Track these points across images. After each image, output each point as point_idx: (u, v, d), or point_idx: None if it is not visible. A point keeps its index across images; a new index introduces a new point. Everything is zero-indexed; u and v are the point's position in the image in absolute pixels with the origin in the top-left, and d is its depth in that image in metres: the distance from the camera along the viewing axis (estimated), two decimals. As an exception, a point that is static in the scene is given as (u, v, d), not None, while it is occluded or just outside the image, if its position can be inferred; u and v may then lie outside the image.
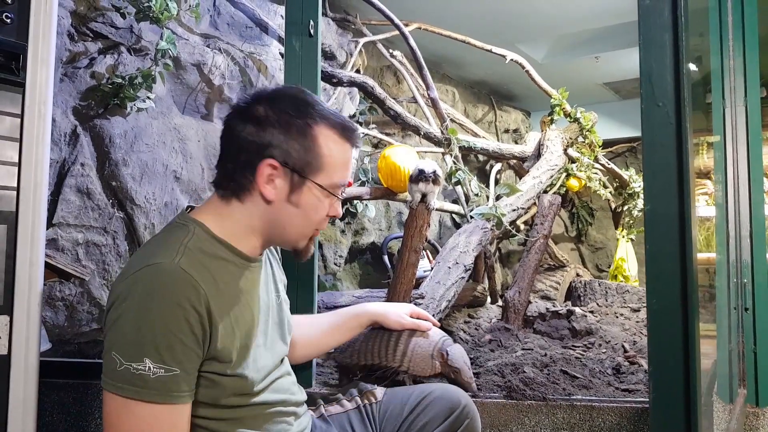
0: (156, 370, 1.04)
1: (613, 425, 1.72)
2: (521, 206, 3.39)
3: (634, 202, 5.72)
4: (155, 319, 1.05)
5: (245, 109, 1.23)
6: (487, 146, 4.06)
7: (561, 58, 5.21)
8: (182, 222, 1.23)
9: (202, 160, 3.23)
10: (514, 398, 1.77)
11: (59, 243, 2.63)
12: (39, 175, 1.35)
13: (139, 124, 2.93)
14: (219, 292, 1.14)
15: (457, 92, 5.59)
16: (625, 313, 4.07)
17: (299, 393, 1.40)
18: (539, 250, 3.05)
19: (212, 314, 1.11)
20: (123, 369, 1.04)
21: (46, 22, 1.33)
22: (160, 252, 1.14)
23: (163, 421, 1.06)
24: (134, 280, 1.09)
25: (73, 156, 2.70)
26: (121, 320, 1.06)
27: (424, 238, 2.63)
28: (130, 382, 1.04)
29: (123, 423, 1.05)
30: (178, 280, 1.08)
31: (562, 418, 1.75)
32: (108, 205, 2.78)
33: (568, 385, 1.84)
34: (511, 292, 3.02)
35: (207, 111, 3.45)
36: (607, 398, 1.76)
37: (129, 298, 1.07)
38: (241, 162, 1.21)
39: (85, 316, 2.76)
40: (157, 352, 1.04)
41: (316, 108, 1.24)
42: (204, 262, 1.15)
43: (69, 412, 1.93)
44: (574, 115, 4.63)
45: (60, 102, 2.71)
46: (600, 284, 4.69)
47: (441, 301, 2.67)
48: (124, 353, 1.04)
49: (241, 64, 3.50)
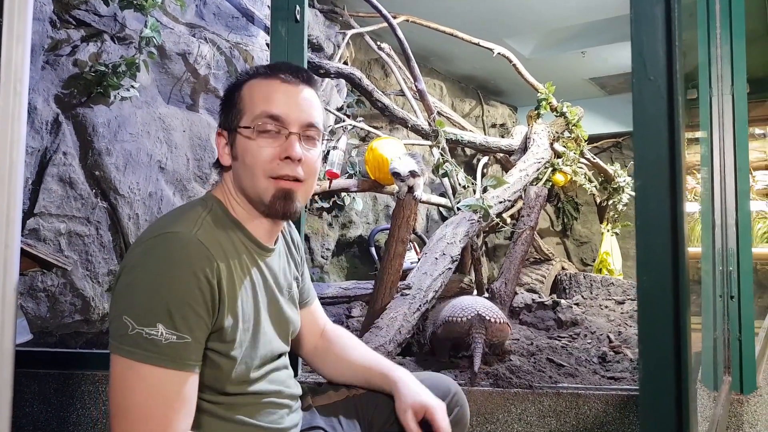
0: (168, 336, 1.03)
1: (599, 412, 1.73)
2: (508, 198, 3.39)
3: (619, 196, 5.76)
4: (170, 285, 1.05)
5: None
6: (474, 139, 4.07)
7: (548, 53, 5.22)
8: (204, 198, 1.26)
9: (187, 151, 3.20)
10: (501, 386, 1.77)
11: (41, 233, 2.59)
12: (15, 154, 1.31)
13: (123, 113, 2.89)
14: (231, 270, 1.15)
15: (445, 86, 5.58)
16: (609, 305, 4.10)
17: (295, 387, 1.38)
18: (526, 241, 3.05)
19: (222, 289, 1.12)
20: (134, 333, 1.03)
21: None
22: (179, 222, 1.14)
23: (171, 386, 1.05)
24: (151, 246, 1.08)
25: (55, 145, 2.65)
26: (135, 285, 1.05)
27: (412, 228, 2.63)
28: (141, 347, 1.03)
29: (130, 386, 1.04)
30: (194, 250, 1.09)
31: (549, 406, 1.75)
32: (91, 195, 2.73)
33: (555, 373, 1.84)
34: (497, 284, 3.02)
35: (192, 101, 3.41)
36: (593, 386, 1.77)
37: (144, 263, 1.07)
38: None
39: (67, 308, 2.72)
40: (170, 318, 1.04)
41: (251, 70, 1.29)
42: (219, 239, 1.16)
43: (50, 403, 1.90)
44: (560, 109, 4.65)
45: (41, 90, 2.66)
46: (585, 277, 4.72)
47: (428, 291, 2.66)
48: (136, 318, 1.03)
49: (227, 54, 3.47)
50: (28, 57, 1.30)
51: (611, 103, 6.38)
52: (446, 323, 2.16)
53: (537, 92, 4.54)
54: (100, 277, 2.79)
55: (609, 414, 1.73)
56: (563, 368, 1.89)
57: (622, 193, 5.75)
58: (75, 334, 2.86)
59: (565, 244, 6.83)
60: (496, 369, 1.82)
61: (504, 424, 1.76)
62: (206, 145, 3.33)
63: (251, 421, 1.24)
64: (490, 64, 5.40)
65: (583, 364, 1.97)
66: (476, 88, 6.00)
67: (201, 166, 3.31)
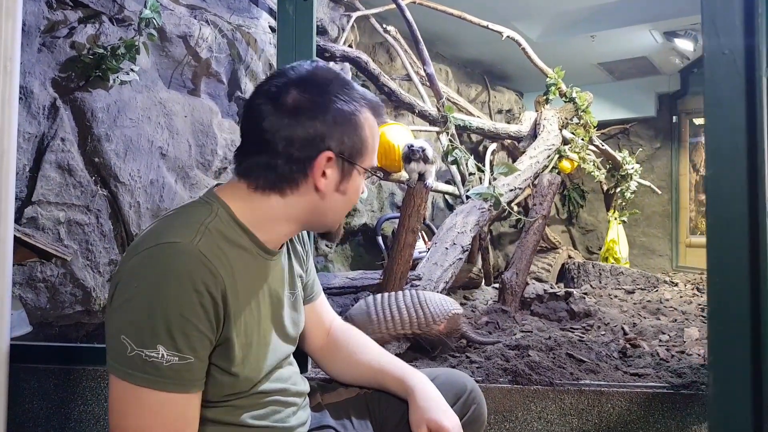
0: (170, 357, 0.96)
1: (623, 410, 1.66)
2: (518, 186, 3.31)
3: (627, 184, 5.68)
4: (170, 303, 0.97)
5: (279, 96, 1.10)
6: (483, 125, 3.97)
7: (556, 37, 5.10)
8: (207, 200, 1.13)
9: (189, 137, 3.11)
10: (520, 383, 1.69)
11: (39, 222, 2.51)
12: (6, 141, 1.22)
13: (123, 97, 2.80)
14: (234, 281, 1.06)
15: (450, 71, 5.47)
16: (619, 295, 4.03)
17: (301, 383, 1.31)
18: (538, 230, 2.97)
19: (228, 304, 1.04)
20: (134, 355, 0.96)
21: (15, -26, 1.20)
22: (178, 230, 1.04)
23: (173, 409, 0.99)
24: (147, 258, 1.00)
25: (53, 130, 2.57)
26: (132, 302, 0.97)
27: (422, 217, 2.54)
28: (141, 369, 0.97)
29: (131, 410, 0.98)
30: (195, 263, 1.00)
31: (570, 404, 1.68)
32: (90, 183, 2.65)
33: (575, 369, 1.77)
34: (508, 274, 2.94)
35: (194, 85, 3.31)
36: (617, 383, 1.70)
37: (141, 277, 0.99)
38: (291, 156, 1.09)
39: (68, 298, 2.65)
40: (171, 338, 0.97)
41: (357, 91, 1.17)
42: (223, 248, 1.06)
43: (50, 399, 1.82)
44: (569, 94, 4.55)
45: (38, 73, 2.56)
46: (594, 266, 4.65)
47: (438, 282, 2.59)
48: (135, 338, 0.96)
49: (229, 36, 3.37)
50: (19, 34, 1.21)
51: (619, 89, 6.28)
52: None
53: (546, 77, 4.44)
54: (101, 267, 2.72)
55: (633, 412, 1.66)
56: (584, 364, 1.82)
57: (630, 180, 5.67)
58: (76, 325, 2.79)
59: (570, 232, 6.75)
60: (515, 365, 1.74)
61: (523, 422, 1.69)
62: (208, 131, 3.23)
63: (256, 422, 1.17)
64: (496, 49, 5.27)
65: (604, 359, 1.90)
66: (482, 73, 5.89)
67: (203, 153, 3.22)
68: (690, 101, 6.46)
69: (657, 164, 6.64)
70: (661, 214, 6.67)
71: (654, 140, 6.66)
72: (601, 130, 5.79)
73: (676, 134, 6.60)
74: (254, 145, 1.12)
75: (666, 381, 1.71)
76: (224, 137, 3.31)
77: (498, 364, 1.79)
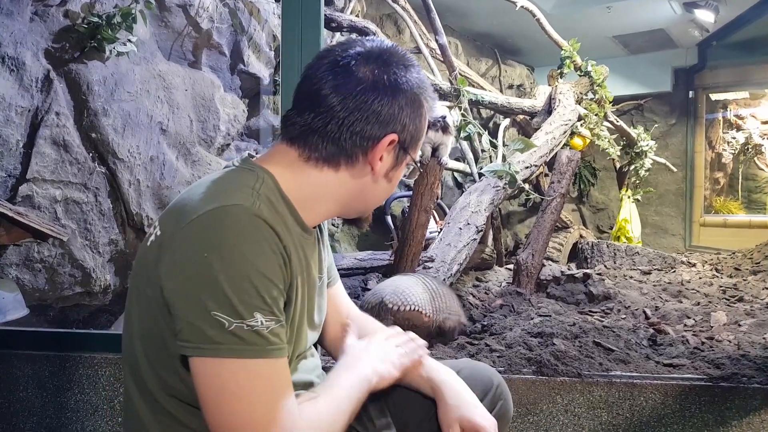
0: (268, 323, 0.90)
1: (657, 404, 1.55)
2: (534, 163, 3.18)
3: (641, 161, 5.53)
4: (255, 266, 0.90)
5: (357, 67, 1.01)
6: (496, 100, 3.83)
7: (571, 8, 4.92)
8: (247, 167, 1.03)
9: (190, 111, 2.98)
10: (545, 374, 1.58)
11: (35, 200, 2.40)
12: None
13: (120, 69, 2.66)
14: (290, 250, 0.97)
15: (460, 44, 5.30)
16: (635, 276, 3.91)
17: (323, 378, 1.20)
18: (555, 210, 2.85)
19: (292, 269, 0.97)
20: (235, 328, 0.88)
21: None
22: (234, 193, 0.95)
23: (280, 374, 0.92)
24: (213, 221, 0.90)
25: (47, 104, 2.44)
26: (211, 273, 0.87)
27: (436, 196, 2.42)
28: (248, 341, 0.89)
29: (242, 389, 0.89)
30: (263, 224, 0.92)
31: (600, 396, 1.56)
32: (88, 159, 2.53)
33: (604, 359, 1.66)
34: (524, 255, 2.82)
35: (194, 58, 3.18)
36: (649, 374, 1.58)
37: (211, 244, 0.89)
38: (358, 131, 1.01)
39: (67, 279, 2.54)
40: (265, 303, 0.90)
41: (427, 81, 1.10)
42: (274, 215, 0.98)
43: (45, 387, 1.73)
44: (584, 68, 4.39)
45: (30, 43, 2.43)
46: (608, 246, 4.53)
47: (452, 264, 2.47)
48: (230, 311, 0.87)
49: (231, 5, 3.21)
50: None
51: (634, 63, 6.10)
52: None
53: (561, 50, 4.28)
54: (100, 247, 2.61)
55: (667, 406, 1.55)
56: (613, 353, 1.70)
57: (645, 158, 5.53)
58: (76, 307, 2.70)
59: (580, 210, 6.63)
60: (539, 354, 1.63)
61: (548, 415, 1.58)
62: (210, 106, 3.10)
63: None
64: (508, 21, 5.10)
65: (634, 347, 1.78)
66: (493, 46, 5.71)
67: (205, 129, 3.09)
68: (708, 75, 6.28)
69: (672, 141, 6.49)
70: (674, 193, 6.54)
71: (669, 116, 6.50)
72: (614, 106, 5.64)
73: (692, 110, 6.45)
74: (316, 111, 1.02)
75: (703, 372, 1.59)
76: (227, 112, 3.18)
77: (521, 353, 1.68)
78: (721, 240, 6.06)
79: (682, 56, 6.16)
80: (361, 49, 1.03)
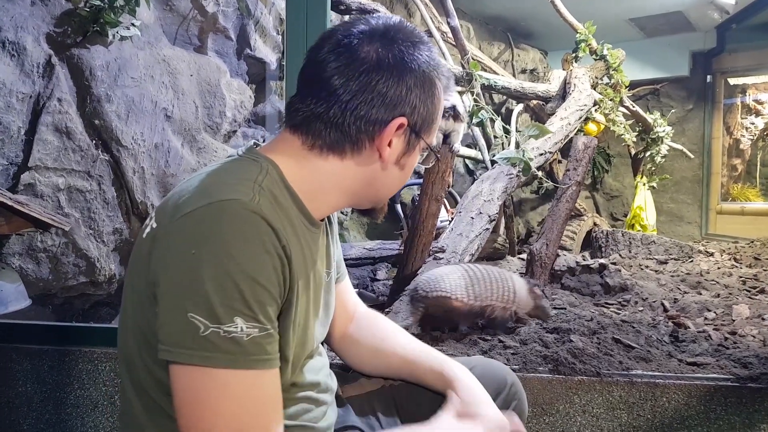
0: (249, 330, 0.82)
1: (680, 405, 1.48)
2: (549, 150, 3.09)
3: (657, 147, 5.40)
4: (242, 268, 0.83)
5: (360, 46, 0.95)
6: (509, 84, 3.72)
7: (586, -11, 4.78)
8: (251, 157, 0.97)
9: (195, 97, 2.91)
10: (562, 373, 1.51)
11: (37, 188, 2.35)
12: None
13: (123, 54, 2.60)
14: (291, 251, 0.90)
15: (472, 28, 5.18)
16: (651, 266, 3.82)
17: (330, 378, 1.14)
18: (571, 198, 2.76)
19: (292, 271, 0.89)
20: (210, 333, 0.81)
21: None
22: (233, 187, 0.88)
23: (261, 389, 0.85)
24: (204, 217, 0.84)
25: (49, 90, 2.38)
26: (195, 271, 0.81)
27: (447, 185, 2.35)
28: (221, 349, 0.82)
29: (213, 400, 0.82)
30: (261, 222, 0.86)
31: (619, 397, 1.50)
32: (91, 147, 2.48)
33: (624, 356, 1.58)
34: (537, 245, 2.74)
35: (200, 42, 3.11)
36: (672, 373, 1.51)
37: (200, 241, 0.83)
38: (363, 115, 0.94)
39: (71, 269, 2.50)
40: (248, 308, 0.83)
41: (439, 61, 1.02)
42: (278, 212, 0.92)
43: (44, 382, 1.68)
44: (600, 52, 4.28)
45: (31, 28, 2.37)
46: (623, 234, 4.43)
47: (464, 255, 2.40)
48: (207, 314, 0.81)
49: (238, -12, 3.14)
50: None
51: (650, 47, 5.94)
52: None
53: (576, 33, 4.16)
54: (104, 236, 2.56)
55: (692, 407, 1.47)
56: (633, 350, 1.63)
57: (661, 144, 5.40)
58: (81, 296, 2.66)
59: (594, 197, 6.51)
60: (556, 352, 1.56)
61: (565, 416, 1.51)
62: (216, 92, 3.04)
63: (287, 422, 1.00)
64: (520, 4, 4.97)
65: (654, 344, 1.70)
66: (505, 30, 5.59)
67: (211, 115, 3.02)
68: (726, 59, 6.12)
69: (688, 127, 6.34)
70: (690, 180, 6.41)
71: (686, 101, 6.35)
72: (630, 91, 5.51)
73: (709, 95, 6.29)
74: (319, 96, 0.95)
75: (729, 372, 1.52)
76: (233, 98, 3.11)
77: (536, 350, 1.61)
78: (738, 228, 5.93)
79: (701, 39, 5.99)
80: (365, 27, 0.96)
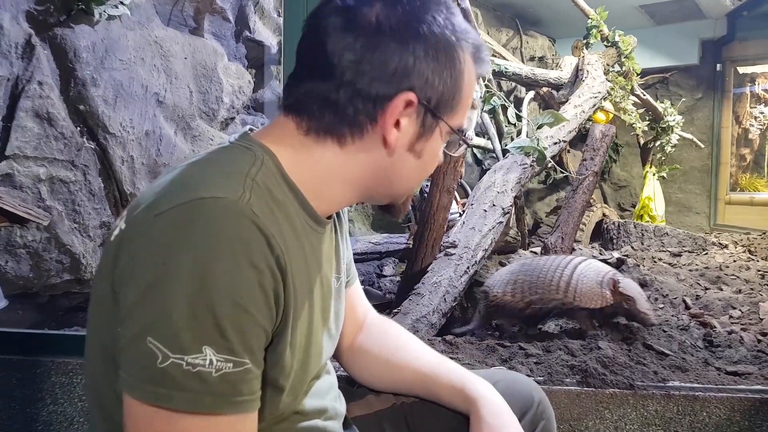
0: (221, 363, 0.66)
1: (722, 420, 1.33)
2: (563, 138, 2.93)
3: (667, 137, 5.28)
4: (219, 285, 0.66)
5: (358, 9, 0.78)
6: (520, 71, 3.56)
7: (597, -27, 4.61)
8: (245, 144, 0.81)
9: (190, 82, 2.75)
10: (592, 385, 1.36)
11: (16, 179, 2.19)
12: None
13: (111, 35, 2.44)
14: (290, 258, 0.75)
15: (480, 14, 5.03)
16: (664, 258, 3.68)
17: (339, 401, 0.99)
18: (588, 189, 2.61)
19: (287, 286, 0.74)
20: (169, 365, 0.64)
21: None
22: (219, 181, 0.73)
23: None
24: (178, 220, 0.68)
25: (29, 72, 2.23)
26: (161, 286, 0.66)
27: (459, 175, 2.19)
28: (182, 387, 0.65)
29: None
30: (249, 227, 0.70)
31: (655, 411, 1.35)
32: (75, 134, 2.32)
33: (658, 365, 1.44)
34: (552, 238, 2.60)
35: (196, 23, 2.95)
36: (712, 385, 1.36)
37: (172, 248, 0.67)
38: (359, 89, 0.78)
39: (54, 266, 2.35)
40: (222, 336, 0.67)
41: (461, 23, 0.83)
42: (274, 210, 0.76)
43: (12, 397, 1.53)
44: (612, 38, 4.13)
45: (8, 5, 2.21)
46: (635, 226, 4.29)
47: (477, 250, 2.25)
48: (169, 340, 0.65)
49: (234, -34, 2.97)
50: None
51: (659, 35, 5.80)
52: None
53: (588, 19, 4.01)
54: (90, 231, 2.41)
55: (734, 422, 1.33)
56: (667, 358, 1.48)
57: (672, 133, 5.27)
58: (65, 295, 2.51)
59: (602, 187, 6.38)
60: (584, 361, 1.41)
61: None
62: (212, 76, 2.88)
63: None
64: (529, -11, 4.82)
65: (689, 350, 1.56)
66: (513, 16, 5.44)
67: (207, 101, 2.87)
68: (736, 48, 5.98)
69: (698, 116, 6.20)
70: (699, 170, 6.29)
71: (695, 90, 6.21)
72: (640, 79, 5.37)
73: (719, 84, 6.15)
74: (313, 71, 0.80)
75: (778, 384, 1.37)
76: (230, 83, 2.96)
77: (562, 359, 1.46)
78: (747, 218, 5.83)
79: (711, 27, 5.85)
80: None
